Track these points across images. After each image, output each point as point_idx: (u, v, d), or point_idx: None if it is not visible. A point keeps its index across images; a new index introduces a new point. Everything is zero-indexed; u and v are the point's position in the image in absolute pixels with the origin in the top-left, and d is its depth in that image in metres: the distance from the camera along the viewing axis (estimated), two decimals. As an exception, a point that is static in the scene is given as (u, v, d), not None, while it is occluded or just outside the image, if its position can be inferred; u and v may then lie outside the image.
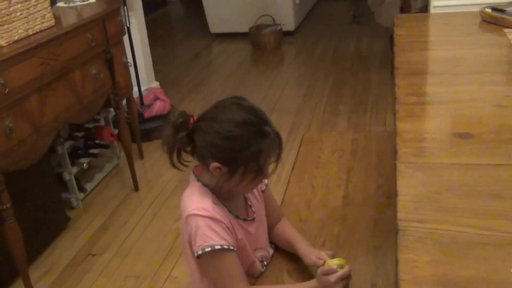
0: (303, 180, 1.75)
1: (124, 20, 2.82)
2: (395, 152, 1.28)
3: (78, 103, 2.31)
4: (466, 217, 1.02)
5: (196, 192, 1.22)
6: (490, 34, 2.01)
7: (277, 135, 1.19)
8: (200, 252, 1.16)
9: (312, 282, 1.22)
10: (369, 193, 1.66)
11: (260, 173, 1.18)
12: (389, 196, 1.63)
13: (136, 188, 2.83)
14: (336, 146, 1.94)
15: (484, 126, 1.35)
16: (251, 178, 1.18)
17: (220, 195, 1.24)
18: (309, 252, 1.31)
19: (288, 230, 1.42)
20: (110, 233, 2.51)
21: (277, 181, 2.73)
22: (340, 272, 1.19)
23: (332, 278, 1.17)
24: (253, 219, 1.32)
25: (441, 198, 1.09)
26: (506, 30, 1.98)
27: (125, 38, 2.91)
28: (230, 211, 1.25)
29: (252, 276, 1.35)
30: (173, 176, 2.91)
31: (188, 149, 1.20)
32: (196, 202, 1.19)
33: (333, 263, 1.22)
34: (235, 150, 1.14)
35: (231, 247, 1.17)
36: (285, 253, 1.43)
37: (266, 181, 1.38)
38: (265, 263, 1.39)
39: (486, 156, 1.22)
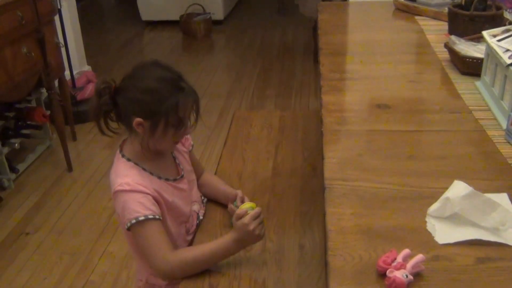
0: (235, 154, 1.81)
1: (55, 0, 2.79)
2: (321, 121, 1.37)
3: (9, 81, 2.29)
4: (385, 175, 1.13)
5: (121, 168, 1.26)
6: (403, 21, 2.19)
7: (193, 91, 1.25)
8: (129, 225, 1.20)
9: (231, 234, 1.26)
10: (296, 165, 1.75)
11: (181, 125, 1.23)
12: (314, 167, 1.74)
13: (69, 168, 2.80)
14: (265, 123, 2.02)
15: (399, 98, 1.49)
16: (173, 131, 1.23)
17: (147, 160, 1.27)
18: (228, 193, 1.45)
19: (211, 178, 1.55)
20: (43, 212, 2.47)
21: (210, 157, 2.83)
22: (252, 212, 1.25)
23: (246, 219, 1.23)
24: (182, 176, 1.37)
25: (363, 160, 1.20)
26: (417, 17, 2.18)
27: (57, 20, 2.88)
28: (159, 177, 1.29)
29: (188, 232, 1.40)
30: (107, 157, 2.89)
31: (113, 115, 1.24)
32: (120, 178, 1.23)
33: (244, 207, 1.30)
34: (154, 102, 1.19)
35: (156, 216, 1.22)
36: (218, 206, 1.50)
37: (191, 141, 1.47)
38: (200, 217, 1.45)
39: (402, 123, 1.35)
